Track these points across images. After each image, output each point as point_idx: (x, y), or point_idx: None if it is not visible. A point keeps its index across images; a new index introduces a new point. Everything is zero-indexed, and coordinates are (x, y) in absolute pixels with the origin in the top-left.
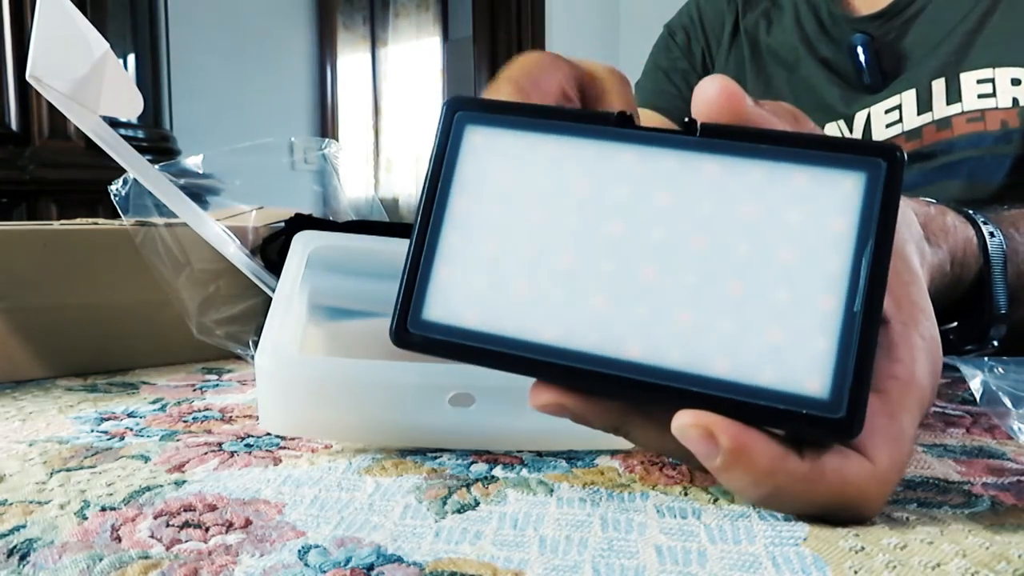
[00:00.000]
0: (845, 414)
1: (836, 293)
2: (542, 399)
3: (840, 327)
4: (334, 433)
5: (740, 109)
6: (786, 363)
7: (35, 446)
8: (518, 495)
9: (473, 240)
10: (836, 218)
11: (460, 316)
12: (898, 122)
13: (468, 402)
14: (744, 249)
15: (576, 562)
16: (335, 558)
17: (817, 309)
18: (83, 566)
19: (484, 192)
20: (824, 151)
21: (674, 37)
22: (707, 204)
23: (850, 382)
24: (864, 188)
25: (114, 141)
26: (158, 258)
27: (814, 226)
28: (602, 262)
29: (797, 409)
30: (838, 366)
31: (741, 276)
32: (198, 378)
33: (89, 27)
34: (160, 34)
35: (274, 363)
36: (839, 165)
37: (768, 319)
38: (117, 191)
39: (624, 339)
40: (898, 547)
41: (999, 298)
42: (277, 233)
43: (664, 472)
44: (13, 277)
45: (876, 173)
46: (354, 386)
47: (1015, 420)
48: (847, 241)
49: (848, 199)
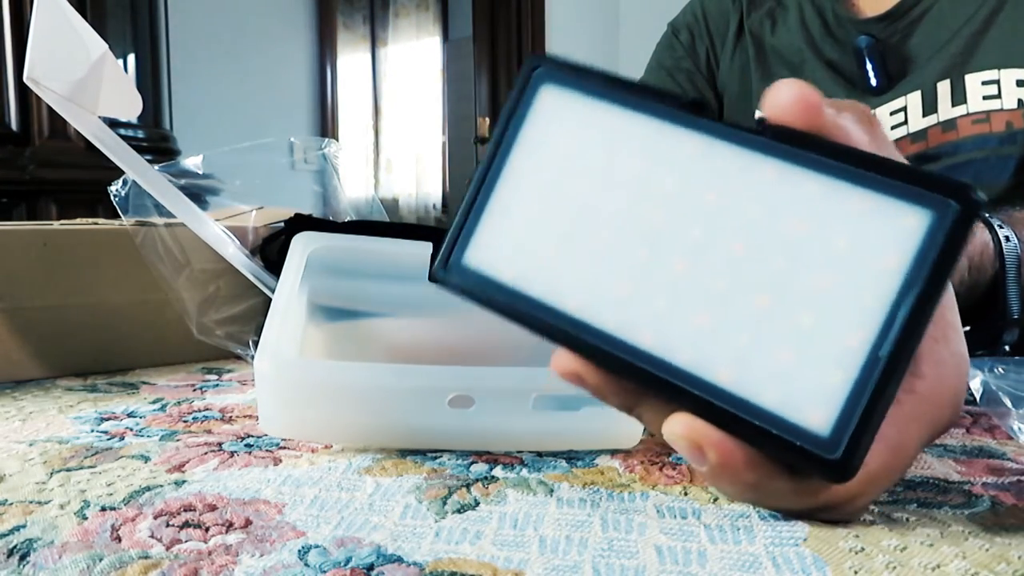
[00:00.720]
0: (840, 456)
1: (865, 331)
2: (562, 365)
3: (860, 367)
4: (334, 436)
5: (816, 121)
6: (793, 388)
7: (35, 446)
8: (518, 495)
9: (523, 198)
10: (888, 253)
11: (496, 268)
12: (903, 124)
13: (468, 404)
14: (780, 264)
15: (576, 562)
16: (335, 558)
17: (840, 342)
18: (83, 566)
19: (544, 152)
20: (892, 178)
21: (678, 36)
22: (755, 210)
23: (855, 425)
24: (927, 229)
25: (113, 142)
26: (158, 258)
27: (861, 256)
28: (637, 247)
29: (792, 439)
30: (847, 405)
31: (770, 291)
32: (198, 378)
33: (87, 28)
34: (160, 34)
35: (273, 366)
36: (905, 197)
37: (785, 340)
38: (117, 191)
39: (639, 326)
40: (898, 548)
41: (1012, 303)
42: (277, 233)
43: (664, 472)
44: (13, 277)
45: (944, 214)
46: (354, 389)
47: (1015, 420)
48: (893, 281)
49: (906, 236)
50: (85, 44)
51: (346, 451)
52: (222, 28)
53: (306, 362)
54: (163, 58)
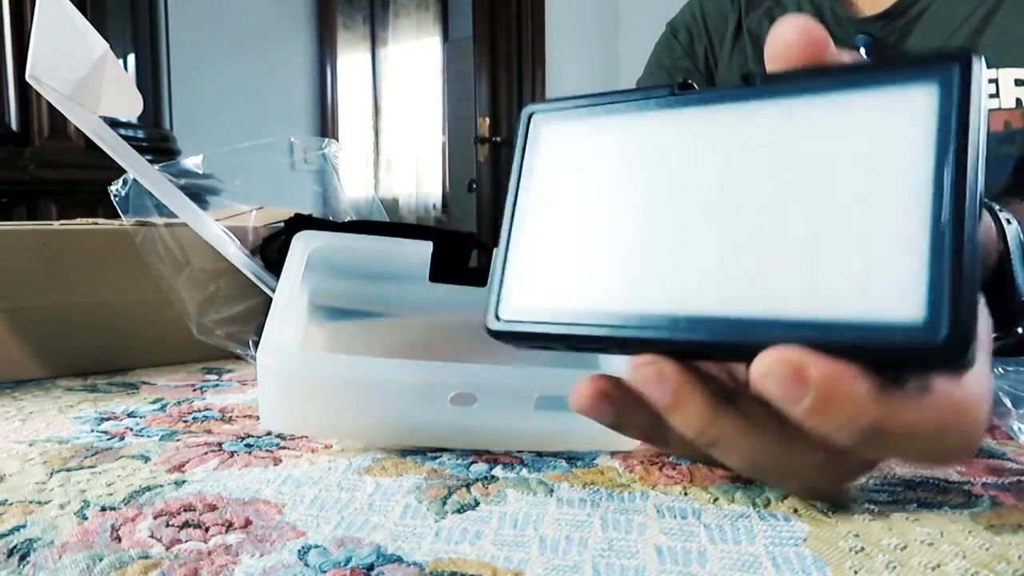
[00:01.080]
0: (947, 335)
1: (920, 209)
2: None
3: (930, 243)
4: (336, 431)
5: (823, 55)
6: (872, 292)
7: (35, 446)
8: (518, 495)
9: (542, 228)
10: (910, 135)
11: (545, 305)
12: None
13: (470, 402)
14: (813, 185)
15: (576, 562)
16: (335, 558)
17: (901, 231)
18: (83, 566)
19: (554, 179)
20: (888, 71)
21: (676, 35)
22: (768, 150)
23: (948, 298)
24: (938, 98)
25: (114, 141)
26: (158, 258)
27: (886, 148)
28: (666, 229)
29: (890, 339)
30: (932, 284)
31: (813, 214)
32: (198, 378)
33: (88, 27)
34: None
35: (277, 360)
36: (905, 81)
37: (846, 251)
38: (117, 191)
39: (698, 297)
40: (898, 548)
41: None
42: (277, 233)
43: (664, 472)
44: (13, 277)
45: (948, 78)
46: (357, 383)
47: (1015, 420)
48: (925, 156)
49: (921, 113)
50: (87, 43)
51: (346, 451)
52: (222, 28)
53: (310, 355)
54: (163, 58)
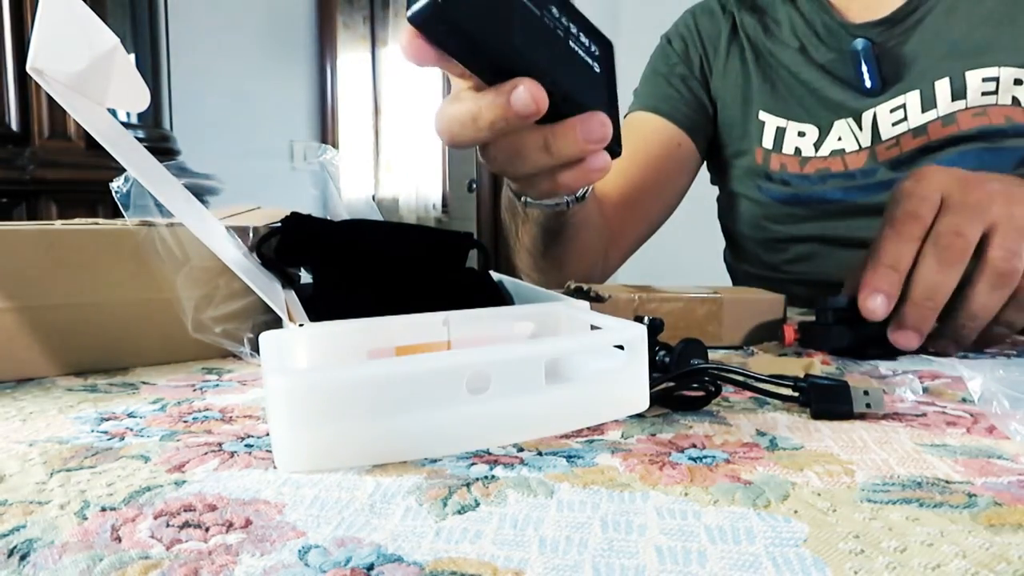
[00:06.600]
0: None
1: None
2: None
3: None
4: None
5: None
6: None
7: (35, 446)
8: (518, 495)
9: None
10: None
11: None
12: (903, 120)
13: (484, 385)
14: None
15: (576, 562)
16: (335, 558)
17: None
18: (83, 566)
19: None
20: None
21: (671, 44)
22: None
23: None
24: None
25: (116, 135)
26: (157, 255)
27: None
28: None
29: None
30: None
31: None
32: (198, 378)
33: (96, 21)
34: (160, 34)
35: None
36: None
37: None
38: (119, 188)
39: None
40: (898, 549)
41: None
42: (273, 231)
43: (664, 472)
44: (14, 276)
45: None
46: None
47: (1014, 421)
48: None
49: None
50: (92, 36)
51: None
52: (222, 28)
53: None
54: (163, 58)
